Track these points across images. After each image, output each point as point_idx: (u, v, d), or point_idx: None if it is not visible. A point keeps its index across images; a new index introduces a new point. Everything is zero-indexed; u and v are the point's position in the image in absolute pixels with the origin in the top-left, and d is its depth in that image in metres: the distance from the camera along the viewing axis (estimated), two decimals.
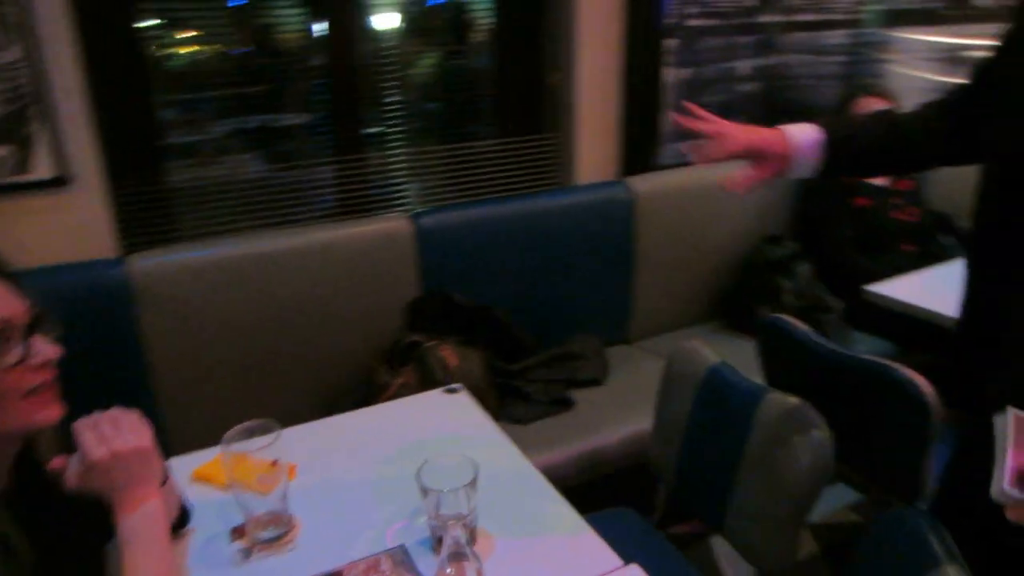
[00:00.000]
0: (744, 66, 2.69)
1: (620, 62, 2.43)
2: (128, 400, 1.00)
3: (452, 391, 1.56)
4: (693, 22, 2.50)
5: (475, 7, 2.43)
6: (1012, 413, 0.88)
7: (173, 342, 1.86)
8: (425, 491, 1.06)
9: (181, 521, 1.10)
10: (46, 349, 0.84)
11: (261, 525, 1.12)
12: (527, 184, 2.49)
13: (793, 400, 1.33)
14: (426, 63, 2.44)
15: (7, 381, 0.80)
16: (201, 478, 1.27)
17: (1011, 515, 0.83)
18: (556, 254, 2.28)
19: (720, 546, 1.93)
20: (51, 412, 0.85)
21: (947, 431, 1.38)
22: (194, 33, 2.09)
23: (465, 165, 2.42)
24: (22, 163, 1.77)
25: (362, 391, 1.95)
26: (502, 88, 2.49)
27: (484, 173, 2.44)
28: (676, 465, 1.57)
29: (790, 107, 2.87)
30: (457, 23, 2.45)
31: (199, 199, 2.10)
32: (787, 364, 1.69)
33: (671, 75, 2.52)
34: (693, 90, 2.58)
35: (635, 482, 1.74)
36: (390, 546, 1.11)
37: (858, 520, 2.22)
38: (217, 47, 2.11)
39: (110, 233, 1.92)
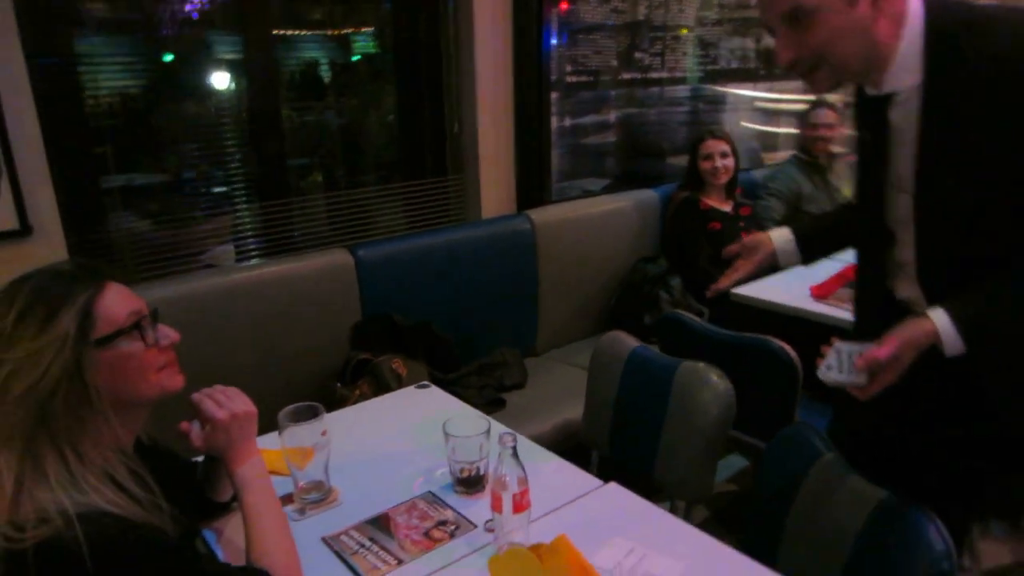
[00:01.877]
0: (612, 115, 3.19)
1: (512, 113, 2.83)
2: None
3: (424, 387, 1.84)
4: (571, 78, 2.96)
5: (384, 69, 2.76)
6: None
7: None
8: (448, 437, 1.34)
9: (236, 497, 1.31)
10: (170, 333, 1.06)
11: (305, 491, 1.35)
12: (440, 219, 2.82)
13: (701, 364, 1.72)
14: (345, 117, 2.73)
15: (147, 358, 1.01)
16: None
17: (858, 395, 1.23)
18: (474, 277, 2.60)
19: None
20: (177, 381, 1.06)
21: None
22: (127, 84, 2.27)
23: (383, 205, 2.71)
24: None
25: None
26: (413, 138, 2.82)
27: (402, 211, 2.74)
28: (609, 433, 1.92)
29: (648, 148, 3.40)
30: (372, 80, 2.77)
31: (143, 243, 2.25)
32: (684, 350, 2.09)
33: (555, 123, 2.95)
34: (574, 135, 3.03)
35: (570, 459, 2.07)
36: (418, 493, 1.38)
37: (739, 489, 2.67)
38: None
39: None
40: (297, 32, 2.55)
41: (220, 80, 2.39)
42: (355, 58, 2.75)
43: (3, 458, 0.87)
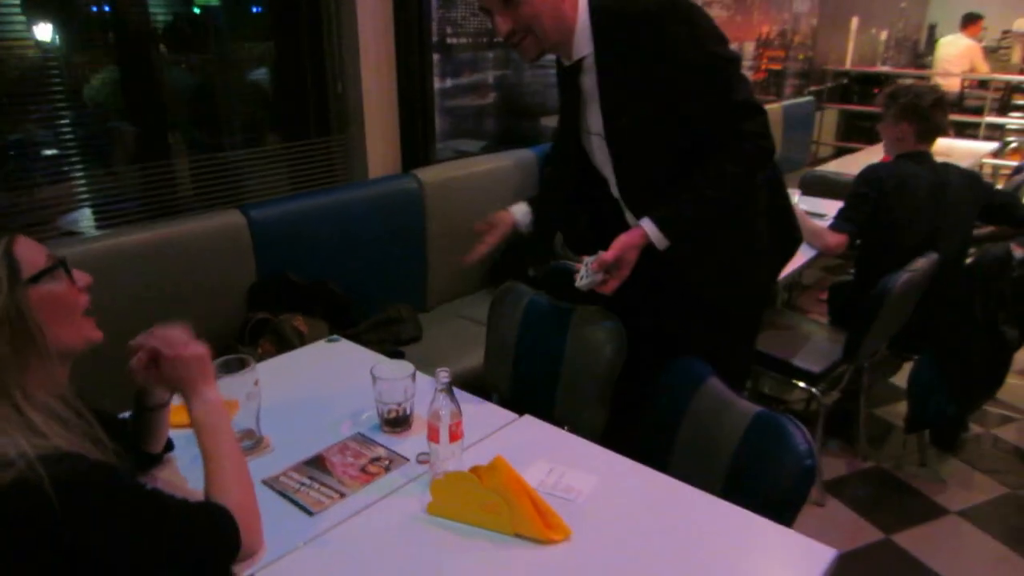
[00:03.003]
0: (488, 76, 3.29)
1: (394, 74, 2.87)
2: None
3: (334, 340, 1.91)
4: (451, 40, 3.03)
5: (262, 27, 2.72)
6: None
7: None
8: (376, 379, 1.44)
9: (167, 448, 1.35)
10: (84, 276, 1.08)
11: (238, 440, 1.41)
12: (325, 180, 2.84)
13: (593, 307, 1.90)
14: (223, 74, 2.67)
15: (73, 298, 1.03)
16: None
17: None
18: (364, 236, 2.66)
19: None
20: (97, 333, 1.08)
21: None
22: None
23: (267, 165, 2.70)
24: None
25: None
26: (295, 97, 2.81)
27: (285, 171, 2.74)
28: (510, 377, 2.06)
29: (523, 110, 3.54)
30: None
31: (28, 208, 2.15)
32: (571, 297, 2.27)
33: (438, 83, 3.02)
34: (454, 95, 3.11)
35: None
36: (348, 435, 1.47)
37: None
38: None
39: None
40: None
41: (84, 29, 2.29)
42: (225, 12, 2.69)
43: None
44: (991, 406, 3.06)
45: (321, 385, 1.69)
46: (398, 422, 1.48)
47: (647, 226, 1.62)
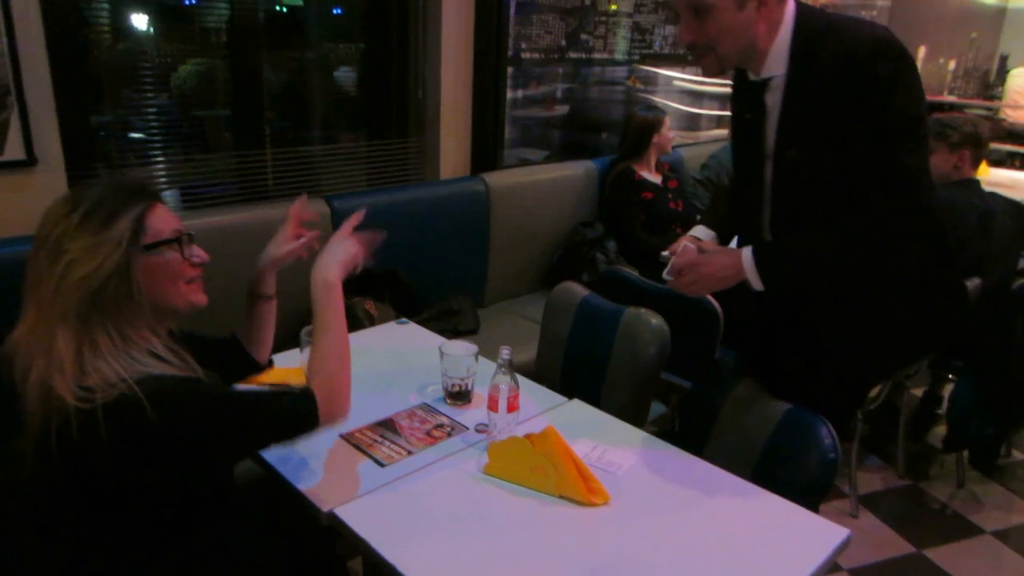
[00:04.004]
0: (559, 88, 3.47)
1: (471, 82, 3.07)
2: None
3: (403, 323, 2.10)
4: (524, 55, 3.21)
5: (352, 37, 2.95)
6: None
7: None
8: (443, 355, 1.61)
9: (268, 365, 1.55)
10: (202, 253, 1.26)
11: None
12: (400, 177, 3.04)
13: (643, 309, 2.04)
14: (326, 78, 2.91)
15: (180, 268, 1.20)
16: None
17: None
18: (433, 232, 2.85)
19: None
20: (201, 297, 1.25)
21: None
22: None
23: (350, 161, 2.91)
24: None
25: None
26: (380, 100, 3.03)
27: (365, 167, 2.96)
28: (560, 369, 2.22)
29: (587, 123, 3.70)
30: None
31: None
32: (624, 301, 2.41)
33: (509, 94, 3.20)
34: (523, 105, 3.30)
35: None
36: (415, 404, 1.64)
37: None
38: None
39: None
40: None
41: (211, 24, 2.54)
42: (334, 11, 2.92)
43: (60, 333, 1.07)
44: None
45: (392, 360, 1.88)
46: (460, 395, 1.65)
47: (746, 258, 1.53)
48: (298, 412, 1.22)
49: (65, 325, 1.07)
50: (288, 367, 1.72)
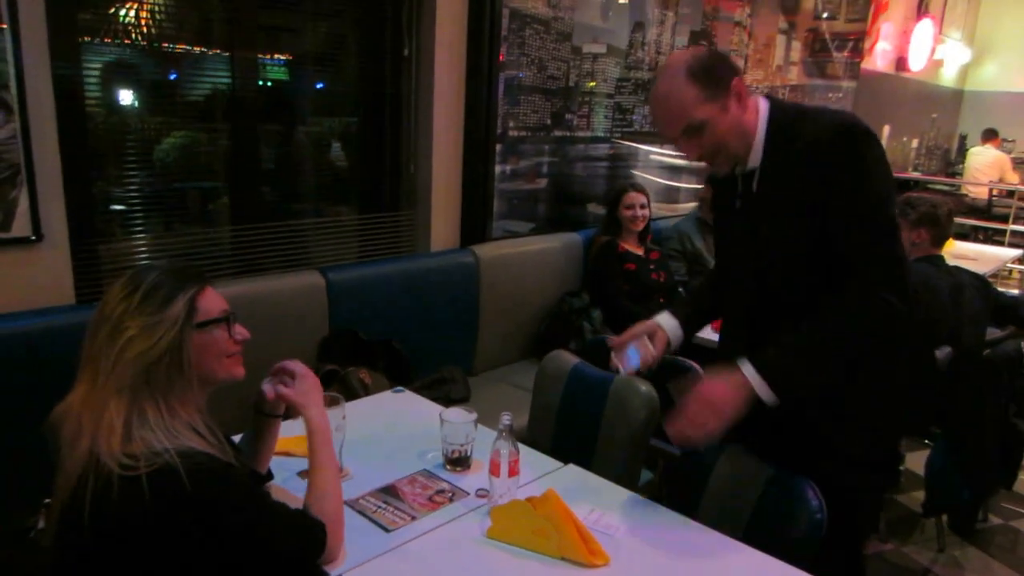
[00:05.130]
0: (544, 164, 3.62)
1: (461, 158, 3.20)
2: None
3: (399, 391, 2.15)
4: (512, 133, 3.36)
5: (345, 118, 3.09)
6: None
7: None
8: (443, 422, 1.66)
9: (268, 477, 1.58)
10: (244, 331, 1.35)
11: None
12: (391, 249, 3.13)
13: (630, 378, 2.11)
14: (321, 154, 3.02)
15: (226, 345, 1.29)
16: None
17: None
18: (424, 302, 2.93)
19: None
20: (240, 371, 1.34)
21: None
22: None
23: (343, 233, 3.01)
24: (6, 223, 2.07)
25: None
26: (372, 174, 3.15)
27: (357, 239, 3.05)
28: (552, 437, 2.27)
29: (570, 197, 3.84)
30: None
31: (139, 257, 2.47)
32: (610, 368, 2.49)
33: (497, 169, 3.34)
34: (510, 179, 3.43)
35: None
36: (415, 471, 1.69)
37: None
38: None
39: (71, 284, 2.23)
40: (271, 57, 2.83)
41: (211, 100, 2.65)
42: (318, 85, 3.06)
43: (114, 404, 1.14)
44: (1008, 502, 3.17)
45: (390, 428, 1.92)
46: (460, 461, 1.70)
47: (748, 373, 1.47)
48: (312, 533, 1.27)
49: (119, 396, 1.14)
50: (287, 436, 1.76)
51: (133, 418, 1.14)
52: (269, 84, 2.81)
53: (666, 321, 1.85)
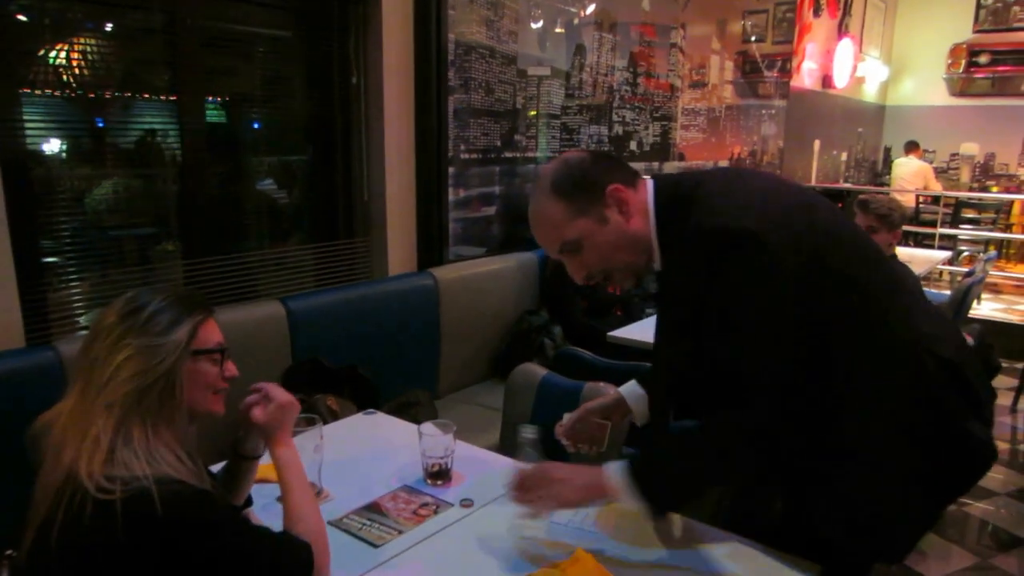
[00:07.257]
0: (495, 185, 3.66)
1: (414, 184, 3.22)
2: None
3: (370, 413, 2.14)
4: (464, 155, 3.40)
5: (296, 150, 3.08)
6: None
7: None
8: (422, 436, 1.66)
9: (247, 504, 1.55)
10: (233, 368, 1.33)
11: None
12: (348, 276, 3.12)
13: (601, 383, 2.13)
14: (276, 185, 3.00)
15: (214, 379, 1.27)
16: None
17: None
18: (386, 327, 2.92)
19: None
20: (220, 408, 1.30)
21: None
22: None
23: (300, 262, 2.98)
24: None
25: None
26: (326, 203, 3.14)
27: (314, 267, 3.03)
28: None
29: (523, 216, 3.89)
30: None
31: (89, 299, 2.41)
32: (579, 378, 2.51)
33: (450, 194, 3.36)
34: (465, 204, 3.46)
35: None
36: (396, 487, 1.68)
37: None
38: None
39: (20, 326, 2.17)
40: (217, 99, 2.82)
41: (150, 140, 2.62)
42: (266, 121, 3.05)
43: (102, 420, 1.11)
44: None
45: (365, 448, 1.91)
46: (440, 474, 1.69)
47: (614, 473, 1.34)
48: (298, 553, 1.25)
49: (108, 413, 1.11)
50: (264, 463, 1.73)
51: (119, 438, 1.11)
52: (218, 122, 2.80)
53: (630, 392, 1.70)
